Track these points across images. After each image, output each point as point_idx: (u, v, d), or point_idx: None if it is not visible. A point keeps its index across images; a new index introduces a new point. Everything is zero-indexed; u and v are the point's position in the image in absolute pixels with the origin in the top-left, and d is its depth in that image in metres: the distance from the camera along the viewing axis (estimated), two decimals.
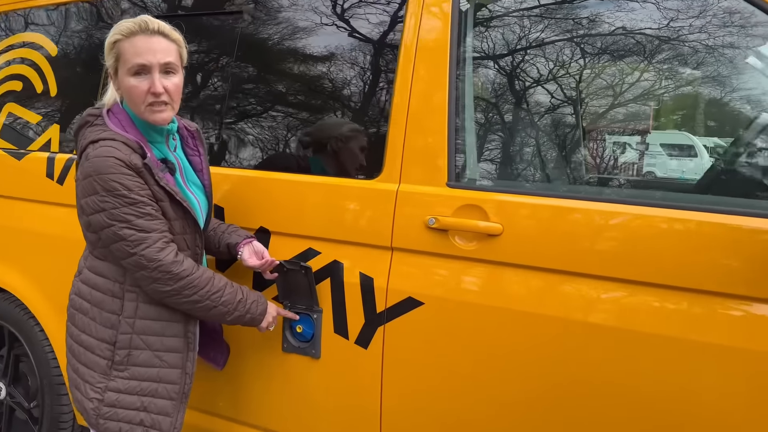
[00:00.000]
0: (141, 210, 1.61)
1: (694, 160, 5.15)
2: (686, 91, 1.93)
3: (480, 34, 1.89)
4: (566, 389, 1.61)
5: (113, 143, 1.61)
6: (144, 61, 1.62)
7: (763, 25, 1.59)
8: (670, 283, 1.50)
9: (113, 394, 1.70)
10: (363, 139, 1.98)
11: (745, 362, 1.42)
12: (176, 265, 1.64)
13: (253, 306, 1.79)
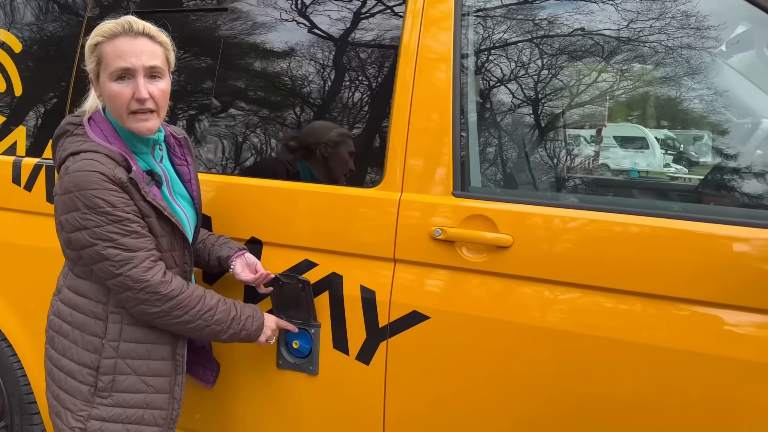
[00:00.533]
0: (126, 228, 1.49)
1: (646, 152, 5.31)
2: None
3: (484, 39, 1.83)
4: (582, 405, 1.57)
5: (95, 156, 1.49)
6: (127, 65, 1.49)
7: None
8: (684, 296, 1.48)
9: (96, 423, 1.59)
10: (352, 144, 1.90)
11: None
12: (164, 285, 1.53)
13: (248, 322, 1.69)
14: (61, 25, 2.36)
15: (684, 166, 2.70)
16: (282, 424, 1.92)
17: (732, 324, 1.45)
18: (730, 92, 2.20)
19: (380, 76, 1.86)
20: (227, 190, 1.94)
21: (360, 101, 1.89)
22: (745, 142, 2.33)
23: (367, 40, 1.88)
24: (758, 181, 1.73)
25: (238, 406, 1.97)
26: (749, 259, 1.44)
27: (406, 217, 1.73)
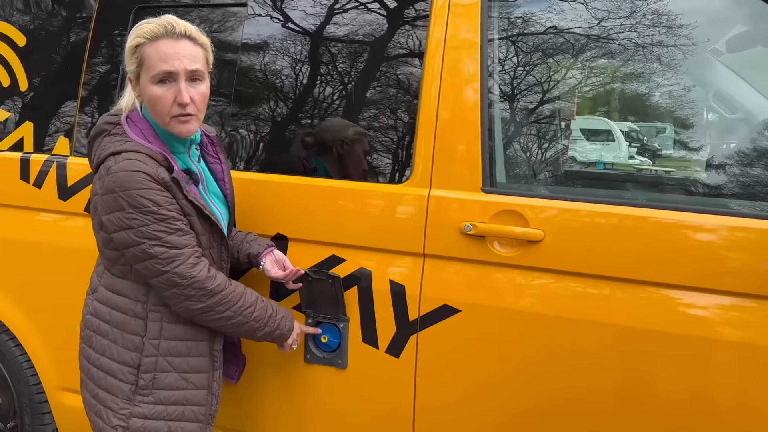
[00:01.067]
0: (171, 226, 1.50)
1: (612, 145, 5.47)
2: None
3: (512, 33, 1.86)
4: (614, 395, 1.63)
5: (138, 155, 1.49)
6: (170, 68, 1.49)
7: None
8: (716, 288, 1.55)
9: (138, 421, 1.59)
10: (367, 143, 1.93)
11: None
12: (210, 281, 1.55)
13: (283, 321, 1.72)
14: (69, 17, 2.31)
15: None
16: (310, 417, 1.94)
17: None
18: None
19: (407, 73, 1.88)
20: (252, 187, 1.94)
21: (387, 98, 1.91)
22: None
23: (393, 37, 1.90)
24: (718, 174, 1.83)
25: (265, 401, 1.98)
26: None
27: (436, 213, 1.76)
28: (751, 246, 1.52)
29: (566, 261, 1.66)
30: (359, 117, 1.93)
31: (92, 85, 2.23)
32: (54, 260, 2.23)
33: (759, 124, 2.14)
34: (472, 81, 1.77)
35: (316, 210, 1.88)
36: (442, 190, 1.77)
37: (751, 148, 1.90)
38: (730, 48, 2.38)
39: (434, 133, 1.79)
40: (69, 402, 2.29)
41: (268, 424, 2.00)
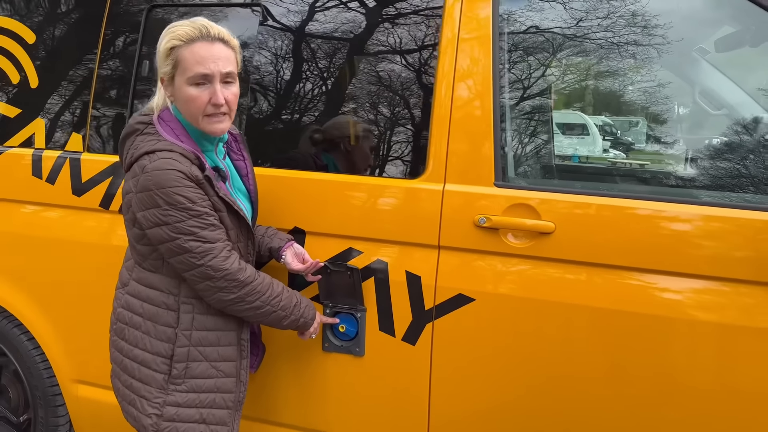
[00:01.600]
0: (205, 221, 1.57)
1: (586, 138, 5.68)
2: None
3: (522, 31, 1.95)
4: (626, 381, 1.74)
5: (172, 155, 1.55)
6: (207, 71, 1.55)
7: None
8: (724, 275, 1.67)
9: (172, 409, 1.66)
10: (374, 139, 2.01)
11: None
12: (241, 273, 1.62)
13: (307, 310, 1.80)
14: (79, 14, 2.33)
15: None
16: (328, 404, 2.02)
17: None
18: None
19: (420, 71, 1.96)
20: (270, 182, 2.00)
21: (401, 96, 1.99)
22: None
23: (407, 35, 1.97)
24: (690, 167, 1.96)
25: (284, 389, 2.05)
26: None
27: (451, 206, 1.85)
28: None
29: (576, 251, 1.76)
30: (375, 115, 2.01)
31: (105, 81, 2.26)
32: (68, 255, 2.26)
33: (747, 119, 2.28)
34: (485, 83, 1.85)
35: (333, 204, 1.96)
36: (456, 185, 1.86)
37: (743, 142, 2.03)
38: (719, 48, 2.51)
39: (448, 129, 1.87)
40: (83, 394, 2.33)
41: (288, 412, 2.07)
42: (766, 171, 1.98)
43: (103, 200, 2.20)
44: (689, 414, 1.70)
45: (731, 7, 2.15)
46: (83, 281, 2.24)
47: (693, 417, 1.70)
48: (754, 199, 1.81)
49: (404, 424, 1.96)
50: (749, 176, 1.97)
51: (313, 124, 2.08)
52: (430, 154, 1.89)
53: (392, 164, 1.99)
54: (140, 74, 2.22)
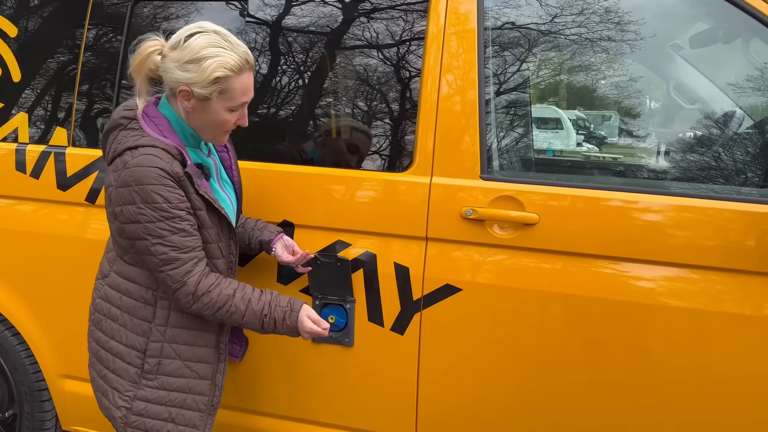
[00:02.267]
0: (177, 225, 1.55)
1: (560, 132, 5.79)
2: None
3: (505, 28, 2.00)
4: (606, 366, 1.81)
5: (155, 151, 1.54)
6: (247, 100, 1.62)
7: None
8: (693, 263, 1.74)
9: (141, 403, 1.67)
10: (357, 136, 2.05)
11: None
12: (200, 289, 1.59)
13: (280, 324, 1.66)
14: (63, 7, 2.32)
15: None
16: (317, 393, 2.06)
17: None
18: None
19: (408, 66, 2.00)
20: (259, 176, 2.02)
21: (389, 90, 2.02)
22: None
23: (394, 30, 2.01)
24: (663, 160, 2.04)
25: (274, 380, 2.08)
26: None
27: (437, 199, 1.89)
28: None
29: (560, 242, 1.82)
30: (363, 109, 2.04)
31: (89, 76, 2.25)
32: (53, 250, 2.26)
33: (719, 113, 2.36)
34: (471, 78, 1.89)
35: (322, 197, 1.99)
36: (443, 178, 1.90)
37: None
38: (693, 44, 2.59)
39: (434, 124, 1.91)
40: (70, 388, 2.33)
41: (277, 402, 2.10)
42: (736, 163, 2.06)
43: (89, 195, 2.20)
44: (663, 397, 1.78)
45: (705, 5, 2.22)
46: (69, 276, 2.24)
47: (666, 400, 1.77)
48: (724, 190, 1.89)
49: (393, 413, 2.01)
50: (719, 168, 2.06)
51: (300, 119, 2.11)
52: (417, 147, 1.93)
53: (380, 158, 2.03)
54: (125, 68, 2.22)
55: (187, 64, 1.53)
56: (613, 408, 1.82)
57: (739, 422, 1.74)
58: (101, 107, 2.26)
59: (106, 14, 2.26)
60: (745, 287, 1.71)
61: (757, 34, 1.86)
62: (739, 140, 2.25)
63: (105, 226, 2.15)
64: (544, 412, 1.88)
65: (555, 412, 1.87)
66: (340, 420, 2.06)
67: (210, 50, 1.53)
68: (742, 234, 1.70)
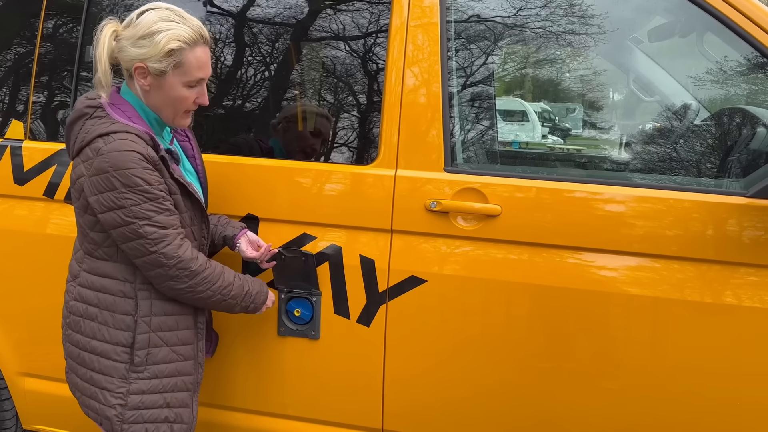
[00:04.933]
0: (161, 206, 1.57)
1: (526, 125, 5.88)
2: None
3: (467, 21, 2.01)
4: (570, 355, 1.84)
5: (128, 136, 1.54)
6: (204, 76, 1.62)
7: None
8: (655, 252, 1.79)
9: (136, 397, 1.66)
10: (320, 122, 2.05)
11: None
12: (194, 262, 1.62)
13: (258, 297, 1.80)
14: None
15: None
16: (284, 386, 2.05)
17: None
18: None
19: (373, 59, 2.00)
20: (222, 169, 2.00)
21: (353, 83, 2.02)
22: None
23: (357, 18, 2.01)
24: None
25: (240, 374, 2.08)
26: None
27: (402, 191, 1.90)
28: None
29: (521, 232, 1.84)
30: (327, 101, 2.03)
31: (46, 67, 2.20)
32: (10, 246, 2.21)
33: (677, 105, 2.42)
34: (434, 66, 1.90)
35: (286, 190, 1.98)
36: (407, 170, 1.91)
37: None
38: (651, 38, 2.65)
39: (399, 117, 1.92)
40: (30, 387, 2.29)
41: (245, 396, 2.09)
42: (694, 154, 2.12)
43: (47, 189, 2.15)
44: (626, 383, 1.82)
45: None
46: (27, 272, 2.19)
47: (629, 386, 1.82)
48: (684, 180, 1.94)
49: (360, 404, 2.01)
50: (679, 159, 2.11)
51: (264, 111, 2.09)
52: (381, 140, 1.93)
53: (345, 150, 2.03)
54: (83, 59, 2.17)
55: (140, 39, 1.54)
56: (577, 395, 1.86)
57: (700, 406, 1.80)
58: (59, 99, 2.21)
59: (64, 3, 2.21)
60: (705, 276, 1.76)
61: (710, 28, 1.91)
62: (697, 132, 2.32)
63: (65, 221, 2.13)
64: (509, 401, 1.91)
65: (521, 400, 1.90)
66: (309, 413, 2.06)
67: (162, 24, 1.54)
68: (701, 224, 1.75)
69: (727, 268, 1.76)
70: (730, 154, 2.04)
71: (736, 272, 1.75)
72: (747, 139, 2.01)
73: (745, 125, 2.11)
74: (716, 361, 1.76)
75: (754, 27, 1.74)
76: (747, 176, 1.84)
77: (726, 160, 2.01)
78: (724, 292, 1.76)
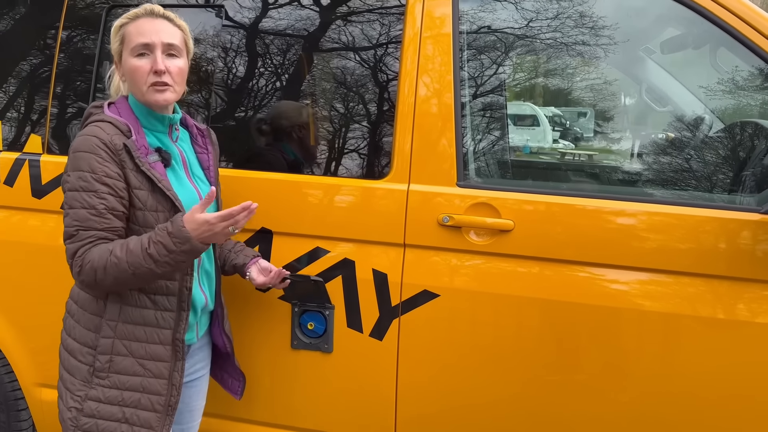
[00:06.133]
0: (89, 200, 1.50)
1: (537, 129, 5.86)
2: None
3: (479, 37, 2.02)
4: (582, 369, 1.85)
5: (101, 124, 1.57)
6: (147, 40, 1.60)
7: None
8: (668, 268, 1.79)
9: (93, 404, 1.60)
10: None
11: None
12: (80, 256, 1.51)
13: (167, 242, 1.46)
14: (36, 13, 2.29)
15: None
16: (297, 399, 2.07)
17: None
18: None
19: (385, 75, 2.01)
20: (236, 183, 2.02)
21: (367, 98, 2.04)
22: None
23: (371, 32, 2.02)
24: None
25: (254, 386, 2.09)
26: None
27: (415, 206, 1.92)
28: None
29: (534, 248, 1.85)
30: (341, 116, 2.05)
31: (64, 82, 2.23)
32: (29, 258, 2.24)
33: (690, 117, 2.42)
34: (447, 81, 1.91)
35: (300, 205, 2.00)
36: (420, 185, 1.93)
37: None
38: (664, 50, 2.64)
39: (411, 132, 1.93)
40: (47, 397, 2.31)
41: (258, 408, 2.11)
42: (707, 167, 2.11)
43: None
44: (636, 396, 1.82)
45: (674, 13, 2.27)
46: (44, 284, 2.22)
47: (640, 399, 1.82)
48: (696, 196, 1.94)
49: (373, 418, 2.02)
50: (691, 171, 2.11)
51: (281, 124, 2.11)
52: (394, 155, 1.95)
53: (358, 165, 2.04)
54: (100, 74, 2.20)
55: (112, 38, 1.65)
56: (587, 406, 1.86)
57: (713, 423, 1.79)
58: (76, 114, 2.24)
59: (81, 20, 2.24)
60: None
61: (723, 43, 1.91)
62: (710, 144, 2.31)
63: None
64: (522, 415, 1.91)
65: (533, 414, 1.90)
66: (321, 426, 2.07)
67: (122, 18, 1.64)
68: (714, 238, 1.75)
69: (740, 284, 1.75)
70: (743, 168, 2.03)
71: (749, 287, 1.75)
72: (762, 153, 2.00)
73: (758, 139, 2.10)
74: (730, 377, 1.76)
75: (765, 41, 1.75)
76: (762, 192, 1.83)
77: (739, 174, 2.01)
78: (737, 306, 1.75)
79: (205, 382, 1.90)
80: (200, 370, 1.85)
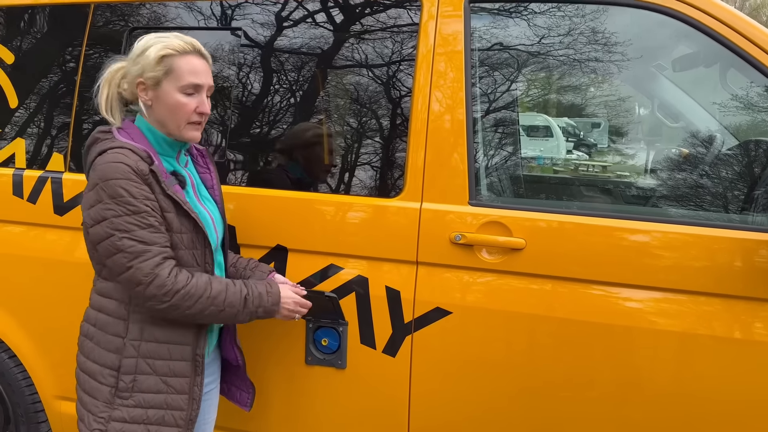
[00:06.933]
0: (144, 221, 1.54)
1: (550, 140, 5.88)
2: None
3: (491, 56, 2.05)
4: (595, 387, 1.86)
5: (122, 150, 1.57)
6: (200, 82, 1.64)
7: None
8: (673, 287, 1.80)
9: (117, 425, 1.62)
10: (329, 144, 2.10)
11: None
12: (170, 279, 1.57)
13: (264, 299, 1.70)
14: (60, 34, 2.36)
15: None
16: (312, 415, 2.09)
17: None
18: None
19: (399, 93, 2.05)
20: (252, 201, 2.07)
21: (380, 117, 2.07)
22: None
23: (384, 51, 2.06)
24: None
25: (268, 401, 2.12)
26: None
27: (428, 224, 1.94)
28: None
29: (546, 266, 1.86)
30: (355, 134, 2.09)
31: (85, 102, 2.29)
32: (50, 273, 2.29)
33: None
34: (459, 100, 1.95)
35: (315, 222, 2.03)
36: (432, 204, 1.95)
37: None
38: (675, 68, 2.66)
39: (425, 149, 1.96)
40: (66, 410, 2.36)
41: (272, 424, 2.14)
42: (722, 185, 2.12)
43: None
44: (650, 415, 1.82)
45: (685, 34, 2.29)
46: (65, 299, 2.27)
47: (654, 417, 1.82)
48: (711, 216, 1.94)
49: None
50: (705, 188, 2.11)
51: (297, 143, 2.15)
52: (408, 175, 1.98)
53: (371, 183, 2.07)
54: None
55: (137, 58, 1.64)
56: (601, 427, 1.86)
57: None
58: None
59: (103, 42, 2.30)
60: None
61: (733, 64, 1.92)
62: (725, 162, 2.31)
63: None
64: None
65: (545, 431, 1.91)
66: None
67: (154, 39, 1.65)
68: (730, 257, 1.75)
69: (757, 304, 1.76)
70: (756, 186, 2.03)
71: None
72: None
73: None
74: (746, 398, 1.76)
75: None
76: None
77: (753, 192, 2.01)
78: (755, 326, 1.75)
79: (216, 395, 1.93)
80: (212, 383, 1.89)
